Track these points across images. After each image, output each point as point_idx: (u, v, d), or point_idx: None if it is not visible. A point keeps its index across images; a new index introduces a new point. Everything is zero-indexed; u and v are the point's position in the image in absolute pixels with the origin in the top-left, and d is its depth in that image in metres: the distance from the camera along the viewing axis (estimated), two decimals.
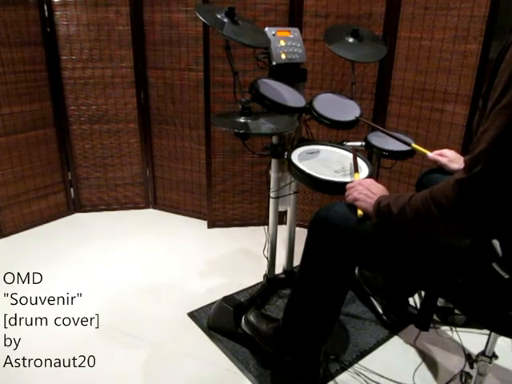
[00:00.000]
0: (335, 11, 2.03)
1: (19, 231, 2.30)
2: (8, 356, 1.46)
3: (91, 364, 1.44)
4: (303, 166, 1.28)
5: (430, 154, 1.39)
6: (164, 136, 2.45)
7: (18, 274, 1.92)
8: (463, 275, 0.95)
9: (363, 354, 1.50)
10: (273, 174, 1.57)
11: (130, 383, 1.37)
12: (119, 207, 2.59)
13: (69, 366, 1.43)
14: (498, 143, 0.74)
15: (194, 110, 2.31)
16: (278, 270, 1.81)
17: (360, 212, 1.04)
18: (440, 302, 1.64)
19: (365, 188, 1.05)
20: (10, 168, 2.21)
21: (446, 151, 1.38)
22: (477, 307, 0.99)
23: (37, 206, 2.37)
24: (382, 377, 1.40)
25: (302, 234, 1.29)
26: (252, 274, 1.92)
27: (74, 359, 1.45)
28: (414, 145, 1.47)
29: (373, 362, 1.46)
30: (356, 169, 1.27)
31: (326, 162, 1.35)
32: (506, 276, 0.89)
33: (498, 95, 0.74)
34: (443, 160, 1.35)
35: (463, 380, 1.30)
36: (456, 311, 1.64)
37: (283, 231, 1.76)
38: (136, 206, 2.61)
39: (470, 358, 1.22)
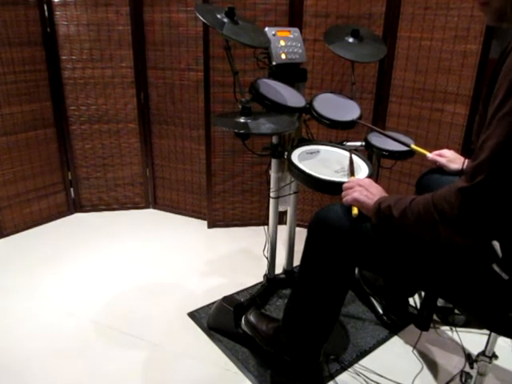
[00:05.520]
0: (335, 11, 2.03)
1: (19, 231, 2.30)
2: (8, 356, 1.46)
3: (91, 364, 1.44)
4: (303, 166, 1.28)
5: (430, 155, 1.39)
6: (164, 136, 2.45)
7: (18, 274, 1.93)
8: (463, 276, 0.95)
9: (363, 354, 1.50)
10: (273, 174, 1.57)
11: (129, 383, 1.37)
12: (119, 207, 2.59)
13: (68, 365, 1.43)
14: (500, 152, 0.73)
15: (194, 110, 2.31)
16: (278, 269, 1.81)
17: (355, 211, 1.04)
18: (440, 302, 1.64)
19: (364, 189, 1.05)
20: (10, 168, 2.21)
21: (445, 151, 1.38)
22: (477, 308, 0.99)
23: (37, 206, 2.37)
24: (382, 377, 1.40)
25: (302, 234, 1.29)
26: (252, 274, 1.92)
27: (73, 359, 1.46)
28: (413, 146, 1.47)
29: (373, 361, 1.47)
30: (352, 173, 1.27)
31: (326, 162, 1.35)
32: (506, 277, 0.89)
33: (499, 102, 0.74)
34: (442, 160, 1.36)
35: (463, 380, 1.31)
36: (456, 311, 1.64)
37: (283, 231, 1.76)
38: (136, 206, 2.61)
39: (469, 358, 1.22)
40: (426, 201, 0.85)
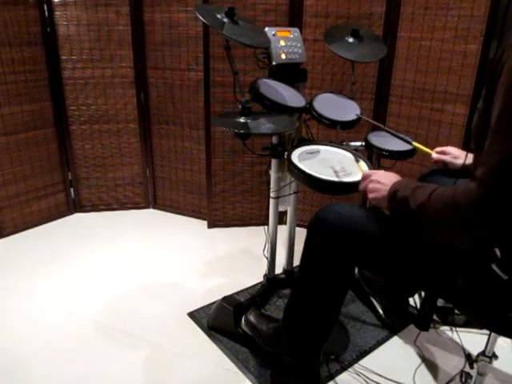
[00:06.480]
0: (335, 11, 2.03)
1: (19, 231, 2.30)
2: (8, 356, 1.46)
3: (91, 364, 1.44)
4: (303, 166, 1.28)
5: (435, 156, 1.37)
6: (164, 136, 2.45)
7: (18, 274, 1.93)
8: (463, 276, 0.95)
9: (363, 354, 1.50)
10: (273, 174, 1.57)
11: (129, 383, 1.37)
12: (119, 207, 2.59)
13: (68, 365, 1.43)
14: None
15: (194, 110, 2.31)
16: (278, 269, 1.81)
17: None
18: (440, 302, 1.64)
19: (376, 182, 1.03)
20: (10, 168, 2.21)
21: (448, 148, 1.36)
22: (476, 308, 0.99)
23: (37, 206, 2.37)
24: (382, 377, 1.40)
25: (302, 234, 1.29)
26: (252, 274, 1.93)
27: (73, 359, 1.46)
28: (415, 143, 1.46)
29: (373, 362, 1.47)
30: (356, 159, 1.26)
31: (326, 162, 1.35)
32: (505, 277, 0.89)
33: (503, 107, 0.74)
34: (447, 158, 1.34)
35: (463, 380, 1.31)
36: (456, 311, 1.64)
37: (283, 231, 1.76)
38: (136, 206, 2.61)
39: (469, 358, 1.22)
40: (447, 199, 0.82)
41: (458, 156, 1.33)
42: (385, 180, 1.01)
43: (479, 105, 0.88)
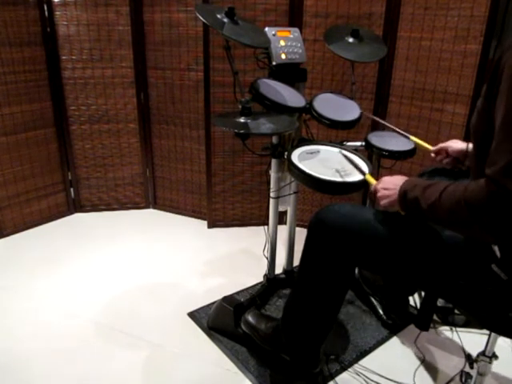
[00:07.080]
0: (335, 11, 2.03)
1: (19, 231, 2.30)
2: (8, 356, 1.46)
3: (91, 364, 1.44)
4: (303, 166, 1.28)
5: (433, 149, 1.39)
6: (164, 136, 2.45)
7: (18, 274, 1.93)
8: (463, 276, 0.95)
9: (363, 354, 1.50)
10: (273, 174, 1.57)
11: (129, 383, 1.37)
12: (119, 207, 2.59)
13: (68, 365, 1.43)
14: None
15: (194, 110, 2.31)
16: (278, 269, 1.81)
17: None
18: (440, 302, 1.64)
19: (383, 189, 1.03)
20: (10, 168, 2.21)
21: (448, 142, 1.38)
22: (477, 308, 0.99)
23: (37, 206, 2.37)
24: (382, 377, 1.40)
25: (302, 234, 1.29)
26: (252, 274, 1.93)
27: (73, 359, 1.46)
28: (412, 137, 1.47)
29: (373, 362, 1.47)
30: (361, 171, 1.26)
31: (326, 162, 1.35)
32: (505, 277, 0.89)
33: (508, 106, 0.74)
34: (444, 144, 1.36)
35: (463, 380, 1.31)
36: (456, 311, 1.64)
37: (283, 231, 1.76)
38: (136, 206, 2.61)
39: (469, 358, 1.22)
40: (458, 198, 0.82)
41: (455, 142, 1.33)
42: (391, 184, 1.02)
43: (478, 103, 0.88)
